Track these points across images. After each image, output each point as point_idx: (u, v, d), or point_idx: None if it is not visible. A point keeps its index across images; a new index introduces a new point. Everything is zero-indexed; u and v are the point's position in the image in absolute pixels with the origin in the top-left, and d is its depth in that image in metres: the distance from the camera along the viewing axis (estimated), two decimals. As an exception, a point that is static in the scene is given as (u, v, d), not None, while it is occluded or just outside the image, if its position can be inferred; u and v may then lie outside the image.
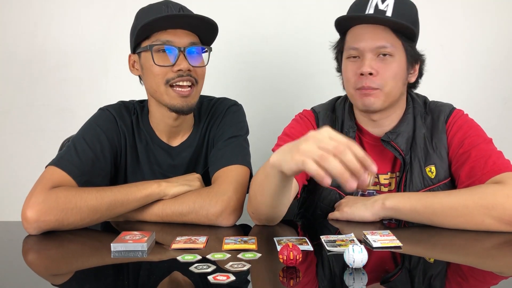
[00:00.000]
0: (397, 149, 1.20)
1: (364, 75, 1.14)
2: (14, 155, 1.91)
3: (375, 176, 0.78)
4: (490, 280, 0.82)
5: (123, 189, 1.10)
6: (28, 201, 1.05)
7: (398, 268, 0.86)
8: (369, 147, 1.25)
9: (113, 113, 1.26)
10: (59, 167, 1.12)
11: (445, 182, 1.19)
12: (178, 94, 1.18)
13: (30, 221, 1.02)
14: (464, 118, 1.22)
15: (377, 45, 1.14)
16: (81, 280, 0.83)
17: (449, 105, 1.26)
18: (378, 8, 1.13)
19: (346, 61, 1.20)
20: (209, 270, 0.80)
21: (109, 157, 1.21)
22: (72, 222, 1.05)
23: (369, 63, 1.14)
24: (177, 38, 1.16)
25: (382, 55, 1.15)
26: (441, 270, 0.85)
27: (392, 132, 1.21)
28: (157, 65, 1.16)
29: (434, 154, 1.19)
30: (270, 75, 1.88)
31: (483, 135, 1.18)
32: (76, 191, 1.07)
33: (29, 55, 1.87)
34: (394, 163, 1.24)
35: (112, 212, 1.09)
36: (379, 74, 1.15)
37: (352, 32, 1.19)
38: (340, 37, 1.25)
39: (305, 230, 1.16)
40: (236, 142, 1.25)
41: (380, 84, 1.15)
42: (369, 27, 1.16)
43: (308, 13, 1.85)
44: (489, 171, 1.08)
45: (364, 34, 1.16)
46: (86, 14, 1.85)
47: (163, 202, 1.12)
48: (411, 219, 1.07)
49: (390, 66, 1.15)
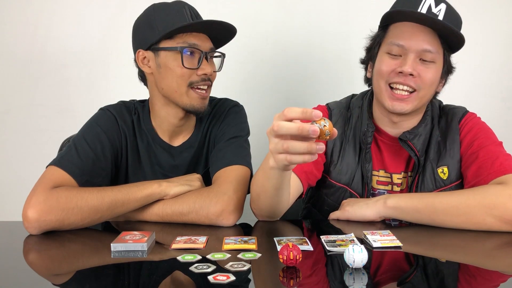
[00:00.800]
0: (413, 149, 1.20)
1: (403, 73, 1.12)
2: (14, 155, 1.91)
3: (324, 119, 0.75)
4: (491, 280, 0.82)
5: (123, 189, 1.11)
6: (29, 201, 1.05)
7: (398, 268, 0.86)
8: (384, 146, 1.25)
9: (113, 113, 1.26)
10: (60, 167, 1.12)
11: (456, 183, 1.20)
12: (199, 96, 1.20)
13: (31, 221, 1.02)
14: (475, 121, 1.22)
15: (424, 47, 1.12)
16: (81, 280, 0.83)
17: (463, 108, 1.27)
18: (431, 10, 1.11)
19: (384, 55, 1.17)
20: (209, 270, 0.80)
21: (109, 157, 1.22)
22: (73, 222, 1.05)
23: (411, 64, 1.12)
24: (201, 42, 1.19)
25: (423, 60, 1.13)
26: (442, 270, 0.85)
27: (410, 133, 1.21)
28: (185, 67, 1.17)
29: (446, 155, 1.20)
30: (270, 75, 1.88)
31: (493, 138, 1.18)
32: (77, 191, 1.07)
33: (29, 55, 1.87)
34: (408, 163, 1.24)
35: (113, 212, 1.09)
36: (420, 76, 1.13)
37: (398, 28, 1.16)
38: (381, 29, 1.22)
39: (305, 230, 1.16)
40: (237, 143, 1.25)
41: (418, 86, 1.14)
42: (419, 27, 1.13)
43: (308, 13, 1.85)
44: (495, 172, 1.08)
45: (412, 33, 1.13)
46: (86, 14, 1.85)
47: (163, 202, 1.12)
48: (412, 219, 1.07)
49: (430, 71, 1.14)
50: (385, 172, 1.25)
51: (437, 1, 1.12)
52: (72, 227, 1.06)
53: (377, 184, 1.25)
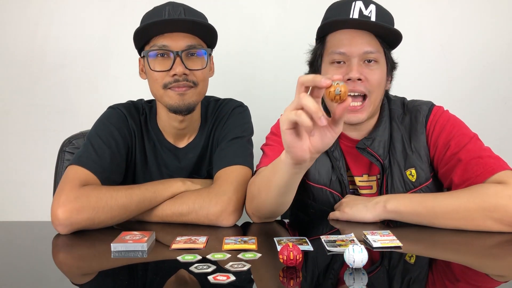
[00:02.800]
0: (373, 155, 1.19)
1: (351, 79, 1.13)
2: (14, 155, 1.91)
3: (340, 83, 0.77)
4: (491, 280, 0.82)
5: (150, 187, 1.12)
6: (57, 200, 1.04)
7: (398, 268, 0.86)
8: (346, 150, 1.25)
9: (123, 111, 1.27)
10: (81, 165, 1.13)
11: (426, 184, 1.19)
12: (176, 93, 1.18)
13: (61, 220, 1.02)
14: (445, 116, 1.20)
15: (364, 50, 1.13)
16: (82, 279, 0.83)
17: (428, 102, 1.25)
18: (363, 13, 1.12)
19: (329, 66, 1.18)
20: (209, 270, 0.80)
21: (124, 154, 1.23)
22: (103, 221, 1.06)
23: (357, 68, 1.12)
24: (173, 42, 1.16)
25: (367, 61, 1.14)
26: (442, 270, 0.85)
27: (368, 138, 1.20)
28: (155, 71, 1.17)
29: (413, 157, 1.19)
30: (270, 75, 1.88)
31: (468, 133, 1.16)
32: (106, 190, 1.08)
33: (29, 55, 1.87)
34: (371, 166, 1.24)
35: (140, 210, 1.10)
36: (367, 80, 1.14)
37: (335, 37, 1.17)
38: (319, 42, 1.23)
39: (305, 230, 1.16)
40: (239, 143, 1.25)
41: (368, 89, 1.14)
42: (355, 32, 1.14)
43: (308, 13, 1.84)
44: (485, 171, 1.07)
45: (351, 39, 1.14)
46: (86, 14, 1.85)
47: (163, 203, 1.12)
48: (412, 222, 1.07)
49: (375, 72, 1.15)
50: (350, 174, 1.26)
51: (366, 3, 1.13)
52: (101, 226, 1.06)
53: (349, 184, 1.25)
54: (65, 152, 1.43)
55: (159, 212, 1.12)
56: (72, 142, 1.44)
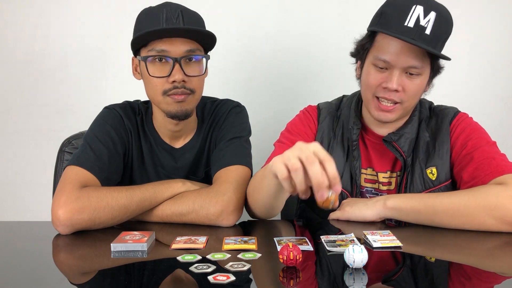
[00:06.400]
0: (398, 150, 1.20)
1: (388, 89, 1.13)
2: (14, 155, 1.91)
3: (337, 197, 0.79)
4: (492, 280, 0.82)
5: (150, 187, 1.12)
6: (58, 201, 1.04)
7: (398, 268, 0.86)
8: (371, 145, 1.26)
9: (119, 112, 1.27)
10: (80, 165, 1.13)
11: (445, 184, 1.19)
12: (173, 100, 1.16)
13: (62, 220, 1.02)
14: (468, 121, 1.22)
15: (409, 64, 1.11)
16: (82, 279, 0.83)
17: (454, 108, 1.27)
18: (419, 23, 1.06)
19: (371, 66, 1.16)
20: (209, 270, 0.80)
21: (121, 153, 1.23)
22: (103, 221, 1.06)
23: (397, 80, 1.11)
24: (173, 47, 1.13)
25: (409, 74, 1.12)
26: (442, 270, 0.85)
27: (395, 133, 1.21)
28: (153, 76, 1.15)
29: (435, 156, 1.20)
30: (270, 75, 1.88)
31: (487, 138, 1.18)
32: (106, 190, 1.08)
33: (29, 55, 1.87)
34: (395, 163, 1.24)
35: (140, 210, 1.10)
36: (405, 91, 1.13)
37: (385, 40, 1.12)
38: (369, 35, 1.18)
39: (305, 230, 1.16)
40: (238, 143, 1.25)
41: (402, 99, 1.14)
42: (404, 44, 1.09)
43: (308, 13, 1.85)
44: (492, 172, 1.08)
45: (398, 49, 1.10)
46: (86, 14, 1.85)
47: (163, 203, 1.12)
48: (412, 220, 1.07)
49: (415, 83, 1.13)
50: (372, 170, 1.26)
51: (426, 10, 1.07)
52: (102, 226, 1.07)
53: (365, 182, 1.26)
54: (65, 152, 1.43)
55: (159, 212, 1.12)
56: (72, 142, 1.44)
